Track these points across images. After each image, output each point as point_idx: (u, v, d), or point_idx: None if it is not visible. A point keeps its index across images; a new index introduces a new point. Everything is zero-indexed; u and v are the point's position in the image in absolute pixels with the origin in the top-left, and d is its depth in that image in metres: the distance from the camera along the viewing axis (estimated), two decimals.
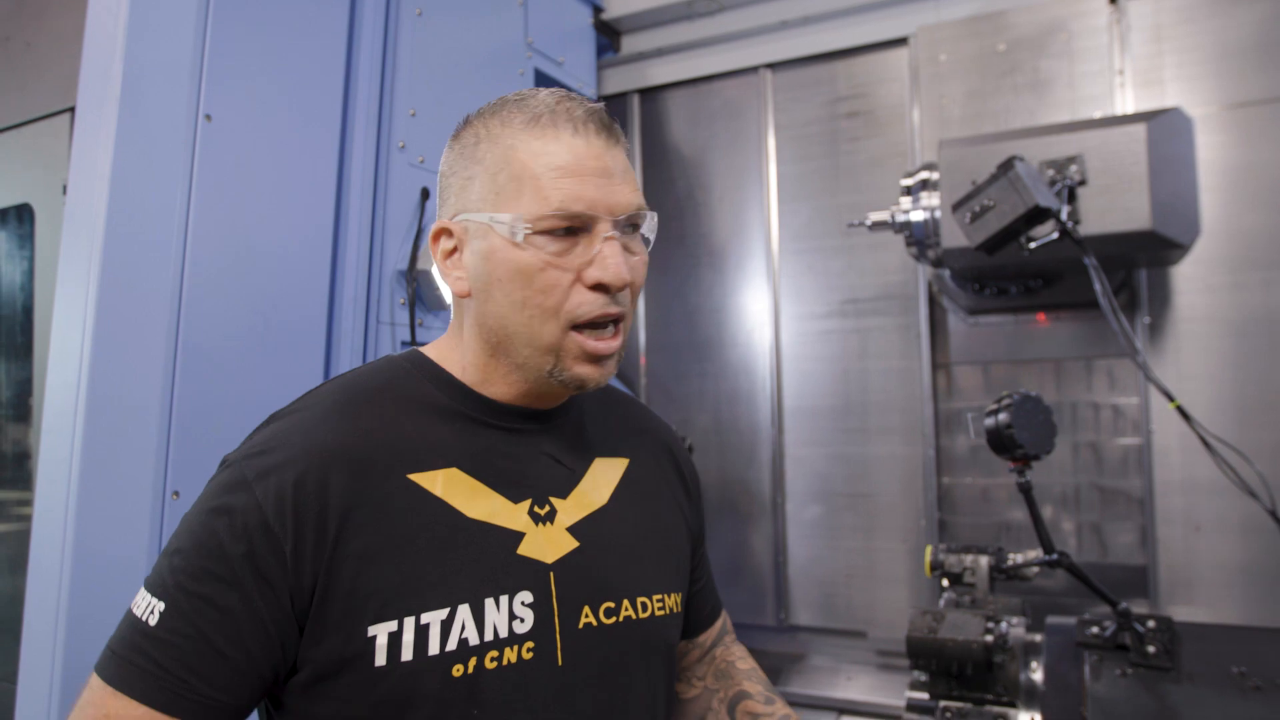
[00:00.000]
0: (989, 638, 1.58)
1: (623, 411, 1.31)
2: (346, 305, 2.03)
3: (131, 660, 0.92)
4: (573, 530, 1.10)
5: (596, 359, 1.05)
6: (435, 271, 2.19)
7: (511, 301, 1.03)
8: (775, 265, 3.01)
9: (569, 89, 2.97)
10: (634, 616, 1.12)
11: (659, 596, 1.17)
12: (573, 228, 1.01)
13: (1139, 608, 2.47)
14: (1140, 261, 2.26)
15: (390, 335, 2.12)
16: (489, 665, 0.99)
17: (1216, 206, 2.41)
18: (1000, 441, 1.54)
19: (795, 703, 2.84)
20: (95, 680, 0.94)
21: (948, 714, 1.65)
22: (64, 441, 1.58)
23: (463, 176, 1.07)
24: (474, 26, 2.48)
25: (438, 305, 2.21)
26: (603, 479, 1.17)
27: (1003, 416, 1.53)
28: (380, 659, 0.95)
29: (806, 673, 2.92)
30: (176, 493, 1.66)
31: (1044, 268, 2.31)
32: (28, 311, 1.82)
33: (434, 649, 0.97)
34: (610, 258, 1.01)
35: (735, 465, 3.05)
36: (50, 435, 1.60)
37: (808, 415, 2.96)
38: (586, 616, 1.07)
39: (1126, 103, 2.48)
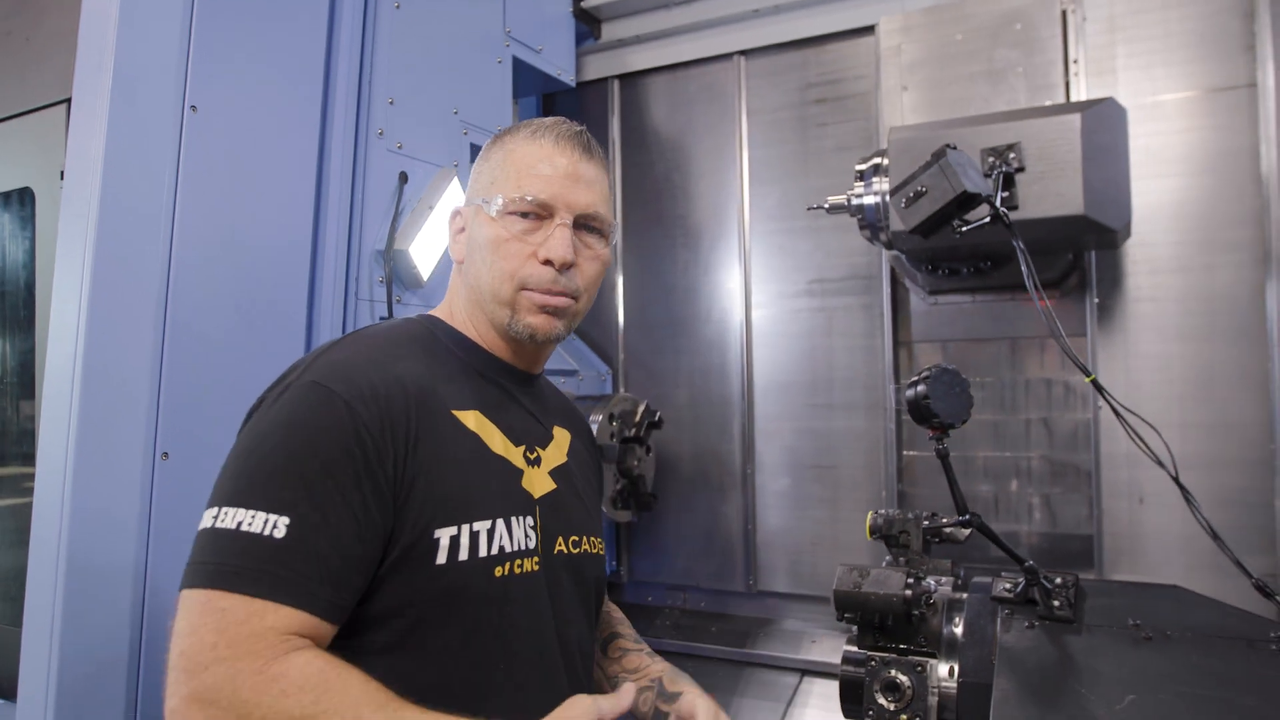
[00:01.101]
0: (908, 592, 1.71)
1: (560, 398, 1.57)
2: (327, 283, 2.17)
3: (264, 570, 0.97)
4: (552, 474, 1.34)
5: (544, 309, 1.27)
6: (417, 248, 2.33)
7: (485, 264, 1.28)
8: (747, 245, 3.13)
9: (547, 75, 3.07)
10: (589, 551, 1.38)
11: (599, 540, 1.43)
12: (537, 214, 1.27)
13: (1086, 575, 2.60)
14: (1081, 244, 2.37)
15: (369, 311, 2.26)
16: (516, 571, 1.20)
17: (1165, 192, 2.51)
18: (919, 411, 1.67)
19: (763, 664, 2.99)
20: (210, 595, 0.96)
21: (872, 662, 1.79)
22: (62, 408, 1.72)
23: (477, 172, 1.36)
24: (452, 16, 2.60)
25: (414, 283, 2.34)
26: (562, 441, 1.42)
27: (921, 388, 1.66)
28: (441, 558, 1.11)
29: (774, 636, 3.07)
30: (166, 454, 1.81)
31: (994, 250, 2.42)
32: (30, 288, 1.97)
33: (483, 552, 1.16)
34: (557, 239, 1.26)
35: (708, 438, 3.19)
36: (50, 402, 1.74)
37: (777, 390, 3.09)
38: (560, 545, 1.30)
39: (1080, 91, 2.58)
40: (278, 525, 0.99)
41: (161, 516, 1.79)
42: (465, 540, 1.14)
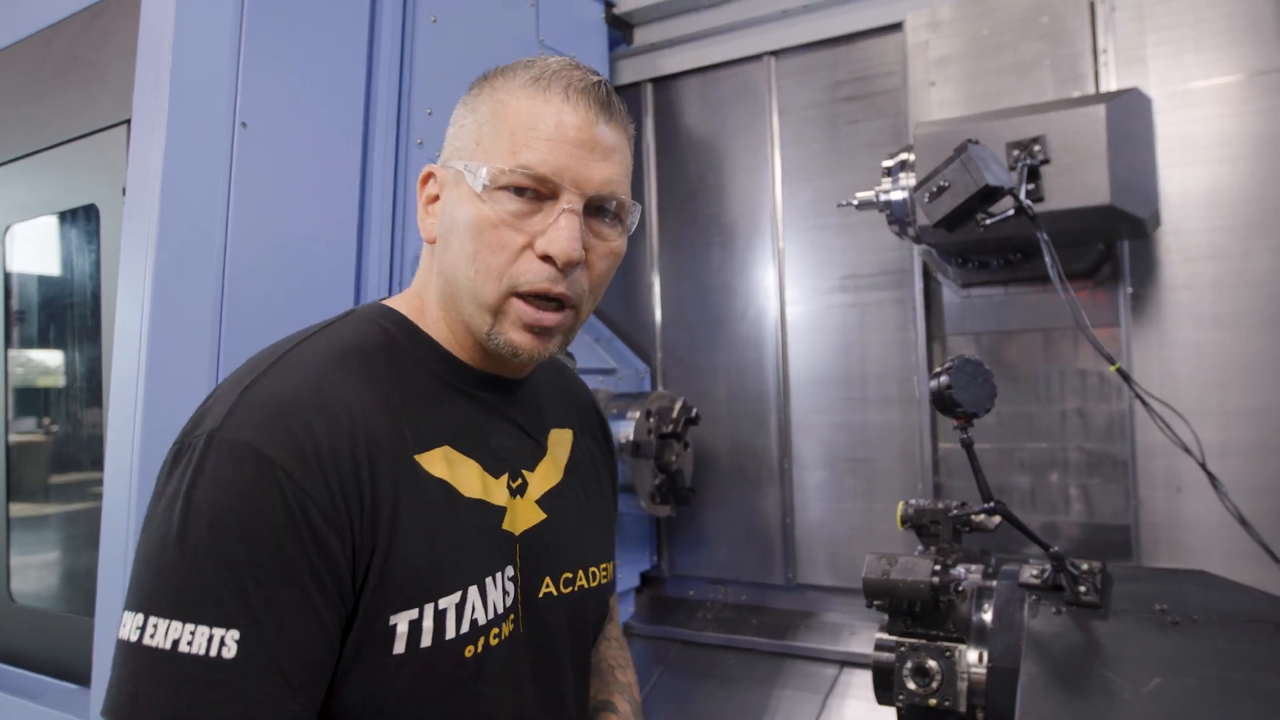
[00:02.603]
0: (935, 579, 1.75)
1: (562, 379, 1.34)
2: (371, 288, 2.26)
3: (219, 701, 0.80)
4: (540, 503, 1.12)
5: (533, 329, 1.01)
6: None
7: (464, 253, 1.00)
8: (780, 243, 3.17)
9: None
10: (586, 586, 1.16)
11: (603, 565, 1.22)
12: (537, 192, 0.98)
13: (1124, 564, 2.60)
14: (1111, 234, 2.37)
15: None
16: (493, 642, 1.01)
17: (1198, 179, 2.50)
18: (942, 402, 1.70)
19: (803, 656, 3.03)
20: None
21: (902, 648, 1.83)
22: (127, 413, 1.83)
23: (458, 125, 1.05)
24: (486, 27, 2.69)
25: None
26: (559, 451, 1.19)
27: (944, 379, 1.69)
28: (399, 646, 0.92)
29: (814, 628, 3.11)
30: None
31: (1024, 243, 2.44)
32: (96, 298, 2.09)
33: (450, 633, 0.96)
34: (563, 230, 0.96)
35: (746, 433, 3.24)
36: (116, 408, 1.86)
37: (812, 385, 3.13)
38: (547, 586, 1.10)
39: (1109, 82, 2.57)
40: (225, 642, 0.80)
41: None
42: (429, 623, 0.94)
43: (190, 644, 0.80)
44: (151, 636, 0.80)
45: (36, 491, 2.41)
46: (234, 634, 0.80)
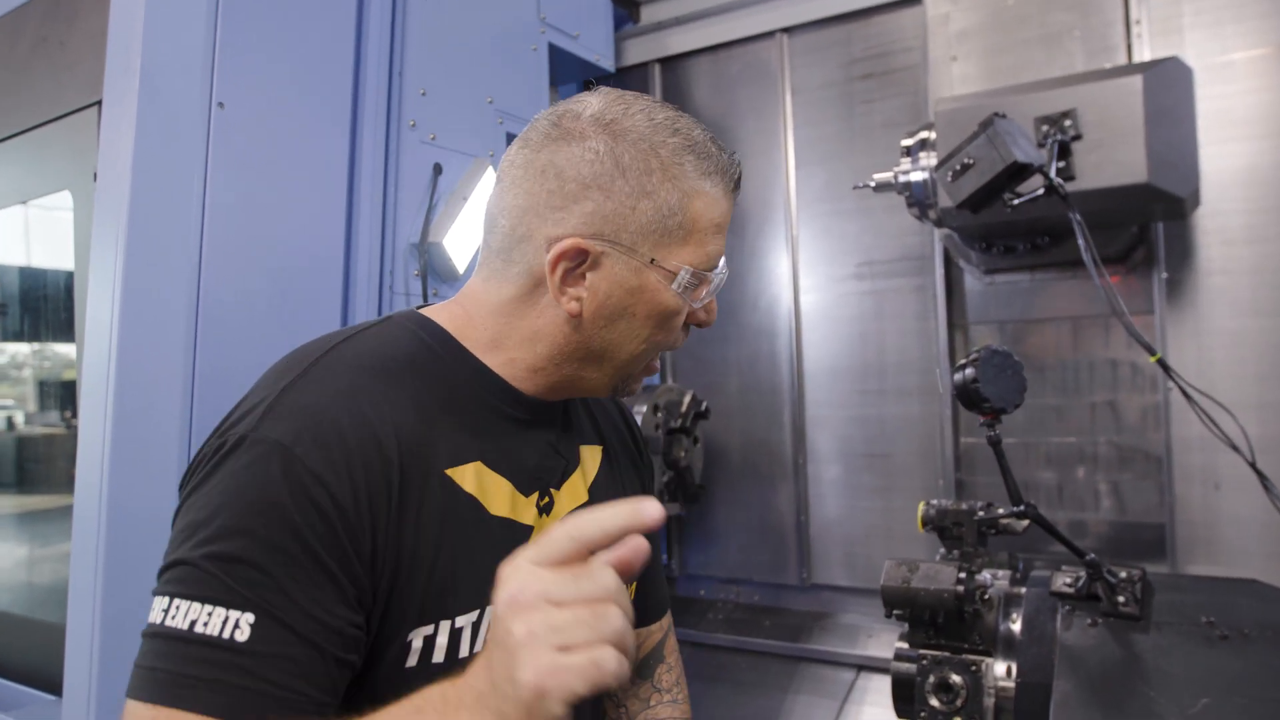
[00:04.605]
0: (960, 588, 1.63)
1: (596, 404, 1.32)
2: (361, 277, 2.15)
3: (225, 681, 0.82)
4: None
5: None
6: (452, 240, 2.30)
7: (634, 334, 1.03)
8: (794, 229, 3.04)
9: (585, 61, 3.02)
10: None
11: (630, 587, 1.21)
12: None
13: (1158, 567, 2.46)
14: (1146, 215, 2.23)
15: (405, 304, 2.24)
16: None
17: (1237, 156, 2.35)
18: (968, 396, 1.57)
19: (818, 659, 2.91)
20: (158, 713, 0.82)
21: (924, 660, 1.70)
22: (98, 407, 1.73)
23: (619, 198, 0.99)
24: (484, 4, 2.57)
25: (450, 275, 2.32)
26: (588, 467, 1.20)
27: (969, 371, 1.56)
28: (412, 660, 0.94)
29: (829, 630, 2.98)
30: None
31: (1052, 225, 2.30)
32: (69, 290, 1.99)
33: (464, 651, 0.97)
34: (714, 305, 1.09)
35: (758, 427, 3.11)
36: (87, 402, 1.76)
37: (827, 377, 2.99)
38: None
39: (1142, 53, 2.42)
40: (240, 625, 0.83)
41: None
42: (443, 640, 0.96)
43: (206, 625, 0.83)
44: (173, 618, 0.84)
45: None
46: (248, 617, 0.83)
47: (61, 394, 2.31)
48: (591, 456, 1.21)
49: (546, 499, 1.10)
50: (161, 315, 1.78)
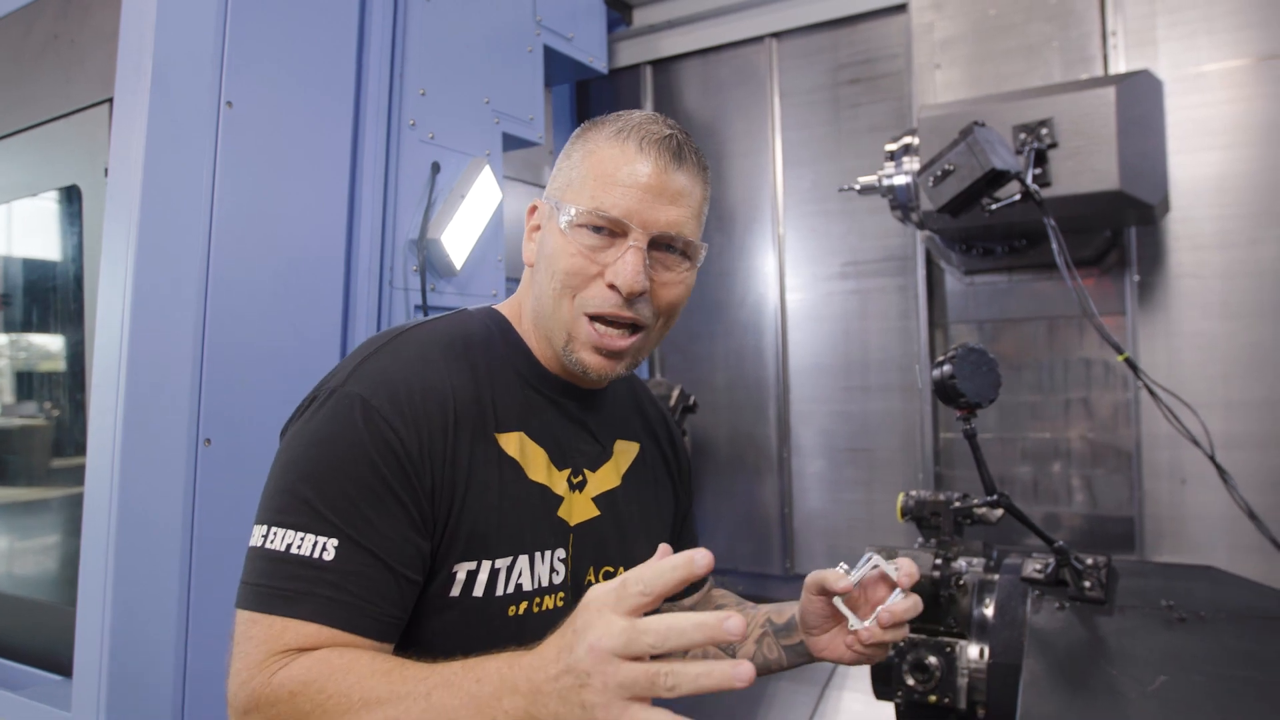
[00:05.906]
0: (936, 573, 1.71)
1: (638, 395, 1.46)
2: (362, 272, 2.21)
3: (315, 593, 0.98)
4: (596, 500, 1.26)
5: (602, 351, 1.15)
6: (450, 237, 2.36)
7: (548, 276, 1.15)
8: (781, 229, 3.12)
9: (579, 63, 3.08)
10: None
11: None
12: (611, 231, 1.12)
13: (1127, 558, 2.56)
14: (1118, 221, 2.32)
15: (404, 299, 2.30)
16: (535, 610, 1.15)
17: (1208, 165, 2.45)
18: (945, 391, 1.65)
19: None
20: (261, 619, 0.98)
21: (901, 643, 1.78)
22: (109, 398, 1.79)
23: (559, 166, 1.21)
24: (482, 7, 2.62)
25: (448, 272, 2.38)
26: (621, 460, 1.32)
27: (947, 368, 1.64)
28: (455, 590, 1.09)
29: None
30: (208, 440, 1.87)
31: (1029, 228, 2.39)
32: (79, 281, 2.04)
33: (499, 590, 1.12)
34: (628, 264, 1.11)
35: (744, 421, 3.19)
36: (98, 393, 1.82)
37: (812, 373, 3.08)
38: (590, 576, 1.23)
39: (1118, 64, 2.52)
40: (326, 547, 0.99)
41: (205, 501, 1.85)
42: (483, 576, 1.11)
43: (299, 547, 0.99)
44: (271, 542, 1.00)
45: (20, 476, 2.37)
46: (333, 541, 0.99)
47: (39, 385, 2.35)
48: (627, 450, 1.34)
49: (580, 477, 1.25)
50: (171, 306, 1.84)
